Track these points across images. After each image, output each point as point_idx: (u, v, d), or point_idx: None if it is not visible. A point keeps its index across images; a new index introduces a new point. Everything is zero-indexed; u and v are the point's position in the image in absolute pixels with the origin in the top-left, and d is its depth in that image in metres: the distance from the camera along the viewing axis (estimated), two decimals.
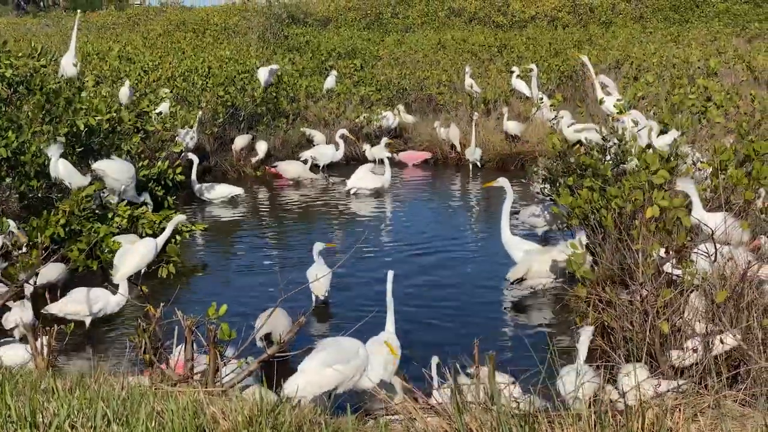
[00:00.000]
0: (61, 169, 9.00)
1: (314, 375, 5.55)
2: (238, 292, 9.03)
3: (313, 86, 18.39)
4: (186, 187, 12.82)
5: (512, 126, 15.93)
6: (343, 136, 15.23)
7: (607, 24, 34.20)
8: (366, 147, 16.30)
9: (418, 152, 16.44)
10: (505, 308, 8.62)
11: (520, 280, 8.57)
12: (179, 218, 8.89)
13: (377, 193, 13.73)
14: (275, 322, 6.90)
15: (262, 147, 15.11)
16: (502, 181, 9.47)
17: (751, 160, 8.34)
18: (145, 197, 10.08)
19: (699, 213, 7.26)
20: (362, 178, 13.65)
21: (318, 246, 8.62)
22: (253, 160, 15.36)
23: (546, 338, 7.21)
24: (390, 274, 6.97)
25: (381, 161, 16.00)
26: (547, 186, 10.08)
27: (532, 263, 8.55)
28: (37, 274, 7.53)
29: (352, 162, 16.35)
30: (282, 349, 5.82)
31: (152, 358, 5.78)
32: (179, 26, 30.70)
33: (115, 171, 9.73)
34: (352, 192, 13.71)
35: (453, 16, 36.25)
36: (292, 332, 5.97)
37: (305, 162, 14.84)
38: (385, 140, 15.59)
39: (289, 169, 14.51)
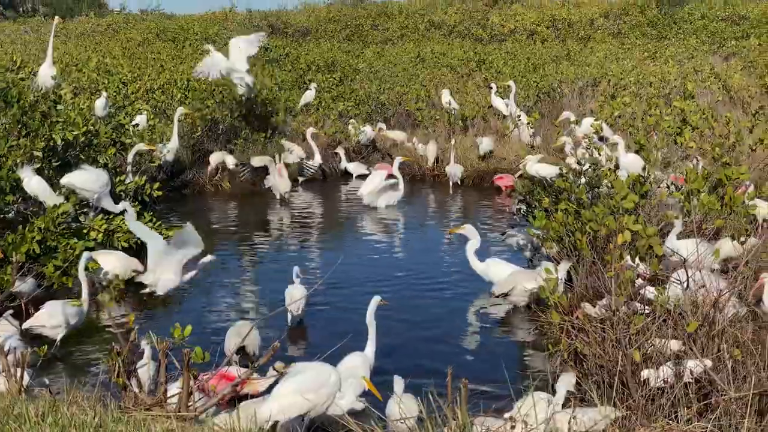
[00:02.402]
0: (35, 185, 8.97)
1: (287, 401, 5.56)
2: (214, 310, 9.00)
3: (292, 100, 18.39)
4: (164, 201, 12.80)
5: (485, 143, 15.98)
6: (313, 135, 15.23)
7: (586, 39, 34.40)
8: (343, 155, 16.30)
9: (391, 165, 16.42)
10: (480, 332, 8.63)
11: (505, 295, 8.67)
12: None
13: (388, 206, 13.72)
14: (249, 337, 6.92)
15: (230, 160, 15.07)
16: (468, 229, 9.55)
17: (723, 185, 8.43)
18: (125, 205, 9.97)
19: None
20: (375, 188, 13.63)
21: (296, 269, 8.63)
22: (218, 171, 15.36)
23: (519, 365, 7.26)
24: (374, 300, 7.05)
25: (360, 176, 16.07)
26: (523, 207, 10.16)
27: (518, 281, 8.64)
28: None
29: (328, 178, 16.39)
30: (254, 372, 5.84)
31: (125, 381, 5.76)
32: (159, 35, 30.61)
33: (85, 182, 9.64)
34: (365, 203, 13.75)
35: (433, 29, 36.36)
36: (266, 357, 5.99)
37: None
38: (380, 125, 15.86)
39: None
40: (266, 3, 70.17)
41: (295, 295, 8.03)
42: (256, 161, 14.30)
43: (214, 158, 15.09)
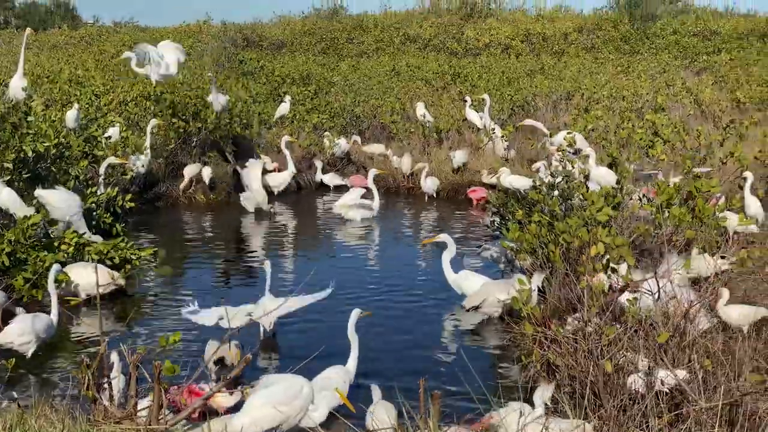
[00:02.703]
0: (6, 197, 8.89)
1: (258, 413, 5.52)
2: (187, 323, 8.92)
3: (266, 113, 18.37)
4: (137, 213, 12.74)
5: (458, 156, 16.02)
6: (288, 144, 15.20)
7: (560, 53, 34.61)
8: (320, 167, 16.30)
9: (366, 176, 16.40)
10: (453, 343, 8.61)
11: (476, 307, 8.71)
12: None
13: (364, 220, 13.69)
14: (227, 349, 6.88)
15: (206, 172, 15.02)
16: (444, 237, 9.58)
17: (694, 198, 8.49)
18: (90, 236, 9.90)
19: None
20: (351, 202, 13.61)
21: (267, 266, 8.62)
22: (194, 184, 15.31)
23: (493, 376, 7.26)
24: (354, 313, 7.06)
25: (335, 188, 16.08)
26: (497, 219, 10.18)
27: (489, 294, 8.67)
28: None
29: (303, 190, 16.37)
30: (226, 385, 5.80)
31: (95, 394, 5.70)
32: (132, 47, 30.49)
33: (58, 201, 9.60)
34: (340, 215, 13.73)
35: (408, 42, 36.47)
36: (238, 369, 5.94)
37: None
38: (354, 138, 15.92)
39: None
40: (241, 16, 70.21)
41: (268, 307, 7.98)
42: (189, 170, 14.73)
43: (189, 170, 15.02)
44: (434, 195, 15.51)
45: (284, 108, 18.39)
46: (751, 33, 37.22)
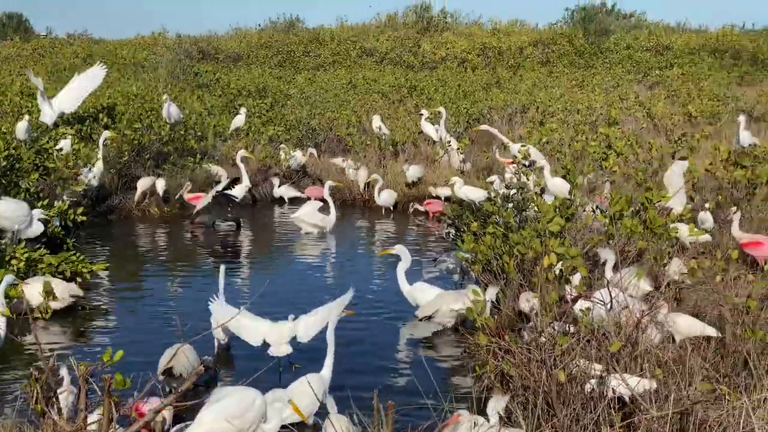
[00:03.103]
0: None
1: (211, 427, 5.46)
2: (140, 334, 8.84)
3: (221, 125, 18.27)
4: (89, 226, 12.57)
5: (412, 170, 16.04)
6: (243, 159, 15.11)
7: (515, 67, 34.89)
8: (275, 186, 16.28)
9: (322, 188, 16.36)
10: (408, 354, 8.60)
11: (429, 317, 8.75)
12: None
13: (321, 232, 13.66)
14: (179, 362, 6.81)
15: (160, 184, 14.91)
16: (399, 249, 9.60)
17: (646, 209, 8.58)
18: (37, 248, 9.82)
19: (609, 274, 7.52)
20: (308, 213, 13.55)
21: (222, 269, 8.60)
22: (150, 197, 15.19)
23: (447, 386, 7.25)
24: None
25: (290, 200, 16.06)
26: (452, 231, 10.21)
27: (442, 304, 8.71)
28: None
29: (258, 203, 16.30)
30: (180, 396, 5.73)
31: (44, 407, 5.61)
32: (86, 59, 30.20)
33: (5, 210, 9.49)
34: (296, 227, 13.69)
35: (365, 55, 36.55)
36: (190, 381, 5.88)
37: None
38: (311, 150, 15.88)
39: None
40: (196, 28, 69.95)
41: (221, 319, 7.91)
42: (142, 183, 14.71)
43: (143, 183, 14.89)
44: (390, 208, 15.53)
45: (239, 120, 18.33)
46: (702, 48, 37.83)
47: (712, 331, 6.81)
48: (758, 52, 37.27)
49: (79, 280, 9.60)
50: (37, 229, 9.99)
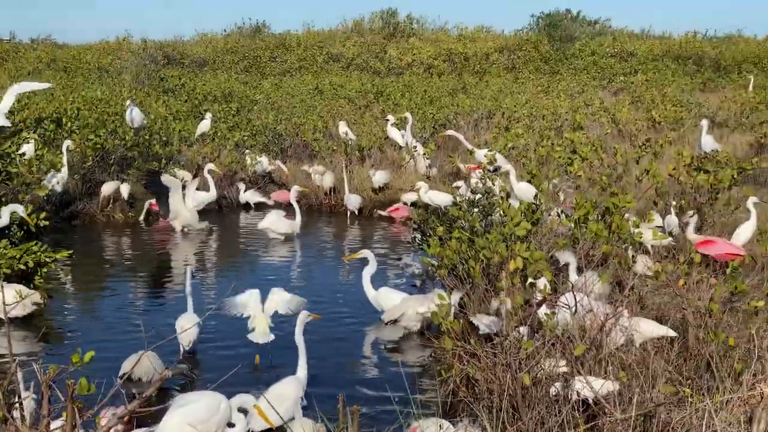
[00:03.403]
0: None
1: (175, 431, 5.42)
2: (104, 340, 8.76)
3: (187, 130, 18.18)
4: (53, 232, 12.44)
5: (378, 176, 16.04)
6: (210, 171, 15.03)
7: (481, 73, 35.05)
8: (241, 192, 16.22)
9: (298, 188, 16.29)
10: (374, 358, 8.60)
11: (395, 321, 8.81)
12: None
13: (287, 237, 13.61)
14: (143, 368, 6.76)
15: (124, 190, 14.80)
16: (366, 253, 9.60)
17: (611, 214, 8.65)
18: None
19: (572, 277, 7.57)
20: (275, 221, 13.51)
21: (189, 274, 8.51)
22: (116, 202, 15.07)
23: (412, 390, 7.24)
24: (301, 315, 7.30)
25: (256, 205, 16.01)
26: (418, 236, 10.22)
27: (408, 307, 8.76)
28: None
29: (224, 208, 16.22)
30: (144, 403, 5.68)
31: (6, 414, 5.53)
32: (50, 64, 29.98)
33: None
34: (263, 233, 13.63)
35: (331, 61, 36.55)
36: (154, 387, 5.84)
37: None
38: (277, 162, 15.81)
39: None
40: (162, 33, 69.55)
41: (186, 324, 7.88)
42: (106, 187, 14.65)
43: (107, 188, 14.78)
44: (356, 212, 15.53)
45: (205, 125, 18.24)
46: (666, 55, 38.24)
47: (669, 332, 6.87)
48: (720, 58, 37.74)
49: (44, 270, 9.51)
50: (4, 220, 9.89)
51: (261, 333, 8.18)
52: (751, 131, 19.02)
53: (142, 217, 14.87)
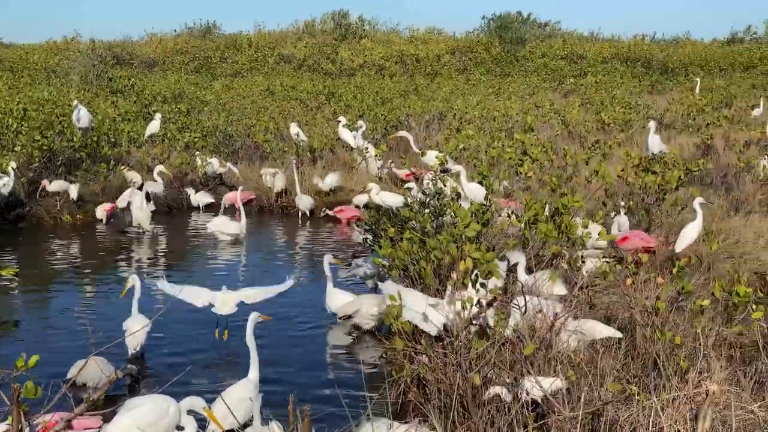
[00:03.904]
0: None
1: None
2: (51, 344, 8.63)
3: (135, 131, 17.99)
4: None
5: (328, 179, 15.97)
6: (160, 173, 14.89)
7: (433, 75, 35.18)
8: (190, 192, 16.10)
9: (246, 192, 16.21)
10: (325, 359, 8.58)
11: (348, 317, 8.90)
12: None
13: (236, 240, 13.55)
14: (90, 372, 6.68)
15: (73, 190, 14.62)
16: (327, 259, 9.61)
17: (560, 214, 8.72)
18: None
19: (522, 277, 7.62)
20: (221, 224, 13.43)
21: (133, 279, 8.48)
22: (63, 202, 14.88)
23: (363, 391, 7.24)
24: (252, 316, 7.24)
25: (206, 206, 15.91)
26: (369, 237, 10.21)
27: (362, 305, 8.85)
28: None
29: (174, 210, 16.09)
30: (92, 406, 5.60)
31: None
32: None
33: None
34: (212, 235, 13.57)
35: (283, 62, 36.45)
36: (102, 390, 5.77)
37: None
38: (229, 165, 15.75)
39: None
40: (111, 33, 68.77)
41: (134, 327, 7.80)
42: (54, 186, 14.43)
43: (55, 186, 14.59)
44: (308, 213, 15.49)
45: (154, 126, 18.07)
46: (615, 57, 38.74)
47: (616, 334, 6.95)
48: (668, 61, 38.32)
49: None
50: None
51: (223, 305, 8.57)
52: (697, 133, 19.30)
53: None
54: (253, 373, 6.80)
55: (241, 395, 6.34)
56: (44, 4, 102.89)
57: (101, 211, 14.60)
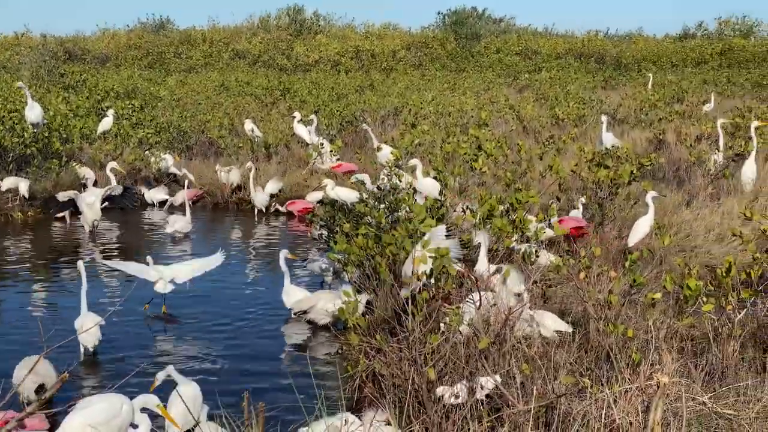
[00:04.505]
0: None
1: None
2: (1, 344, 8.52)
3: (88, 127, 17.78)
4: None
5: (270, 185, 15.85)
6: (113, 170, 14.73)
7: (389, 70, 35.20)
8: (144, 190, 15.95)
9: (194, 190, 16.09)
10: (280, 355, 8.56)
11: (303, 312, 8.90)
12: None
13: (180, 235, 13.45)
14: (40, 373, 6.60)
15: (23, 187, 14.42)
16: (283, 254, 9.59)
17: (515, 209, 8.78)
18: None
19: (482, 266, 7.66)
20: (173, 222, 13.35)
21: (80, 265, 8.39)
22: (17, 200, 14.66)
23: (319, 387, 7.23)
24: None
25: (161, 203, 15.78)
26: (325, 233, 10.20)
27: (318, 300, 8.83)
28: None
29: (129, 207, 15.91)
30: (43, 406, 5.54)
31: None
32: None
33: None
34: (164, 231, 13.48)
35: (237, 58, 36.24)
36: (54, 389, 5.71)
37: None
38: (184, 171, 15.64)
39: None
40: (62, 28, 67.89)
41: (86, 324, 7.71)
42: (62, 196, 13.84)
43: (6, 183, 14.37)
44: (263, 210, 15.42)
45: (107, 122, 17.87)
46: (569, 53, 39.06)
47: (568, 328, 7.02)
48: (621, 56, 38.72)
49: None
50: None
51: (162, 285, 9.37)
52: (650, 128, 19.51)
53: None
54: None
55: (190, 392, 6.28)
56: None
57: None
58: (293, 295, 9.26)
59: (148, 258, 9.82)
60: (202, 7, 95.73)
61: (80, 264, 8.59)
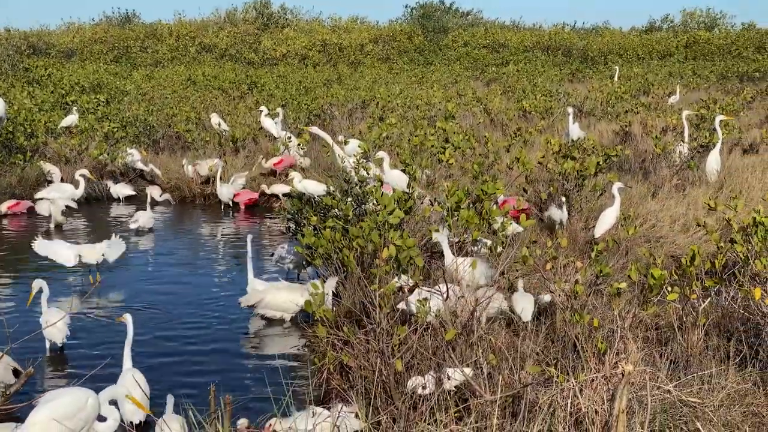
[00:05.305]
0: None
1: (42, 428, 5.25)
2: None
3: (53, 121, 17.61)
4: None
5: (236, 182, 15.79)
6: (83, 176, 14.59)
7: (356, 64, 35.16)
8: (110, 184, 15.83)
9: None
10: (248, 348, 8.52)
11: (252, 306, 8.87)
12: None
13: (144, 230, 13.37)
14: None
15: None
16: (249, 239, 9.56)
17: (482, 201, 8.81)
18: None
19: (449, 261, 7.68)
20: (138, 219, 13.27)
21: (38, 283, 8.30)
22: None
23: (286, 379, 7.23)
24: (128, 318, 6.99)
25: (126, 198, 15.67)
26: (293, 225, 10.17)
27: (267, 294, 8.80)
28: None
29: (94, 201, 15.78)
30: (7, 400, 5.50)
31: None
32: None
33: None
34: (136, 229, 13.36)
35: (204, 51, 36.05)
36: (19, 383, 5.66)
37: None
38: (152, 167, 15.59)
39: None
40: (27, 22, 67.18)
41: (52, 319, 7.65)
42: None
43: None
44: (230, 204, 15.35)
45: (72, 120, 17.73)
46: (536, 46, 39.21)
47: (524, 317, 7.09)
48: (588, 49, 38.92)
49: None
50: None
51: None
52: (616, 120, 19.65)
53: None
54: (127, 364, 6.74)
55: (133, 382, 6.26)
56: None
57: (5, 208, 14.23)
58: (255, 289, 9.21)
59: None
60: (168, 1, 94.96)
61: (38, 281, 8.41)
